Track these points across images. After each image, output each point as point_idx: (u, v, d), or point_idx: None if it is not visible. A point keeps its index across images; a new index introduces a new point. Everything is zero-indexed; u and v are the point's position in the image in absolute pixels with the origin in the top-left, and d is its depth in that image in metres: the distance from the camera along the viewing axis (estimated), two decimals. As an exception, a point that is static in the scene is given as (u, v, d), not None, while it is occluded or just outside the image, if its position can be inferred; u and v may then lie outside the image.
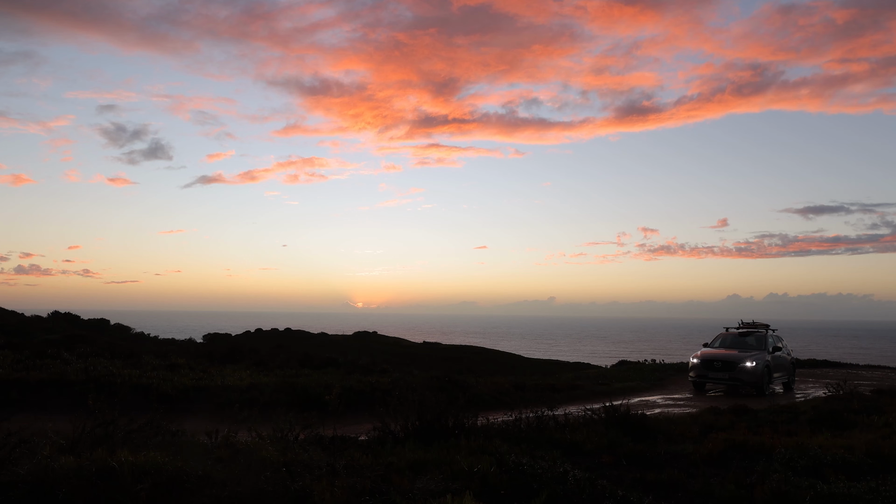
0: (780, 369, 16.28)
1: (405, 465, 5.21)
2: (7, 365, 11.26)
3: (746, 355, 15.38)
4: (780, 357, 16.28)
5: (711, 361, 15.55)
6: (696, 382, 16.00)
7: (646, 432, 7.61)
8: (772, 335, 16.70)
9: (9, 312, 30.27)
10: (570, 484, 4.76)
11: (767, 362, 15.42)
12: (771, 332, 16.96)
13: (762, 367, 15.14)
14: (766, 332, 16.76)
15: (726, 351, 15.88)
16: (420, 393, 7.70)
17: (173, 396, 10.58)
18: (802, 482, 5.21)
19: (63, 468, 4.21)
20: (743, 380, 15.06)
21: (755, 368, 15.07)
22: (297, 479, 4.48)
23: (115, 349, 16.44)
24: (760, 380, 15.03)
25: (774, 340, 16.49)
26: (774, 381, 15.89)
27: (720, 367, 15.34)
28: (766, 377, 15.20)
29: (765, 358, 15.45)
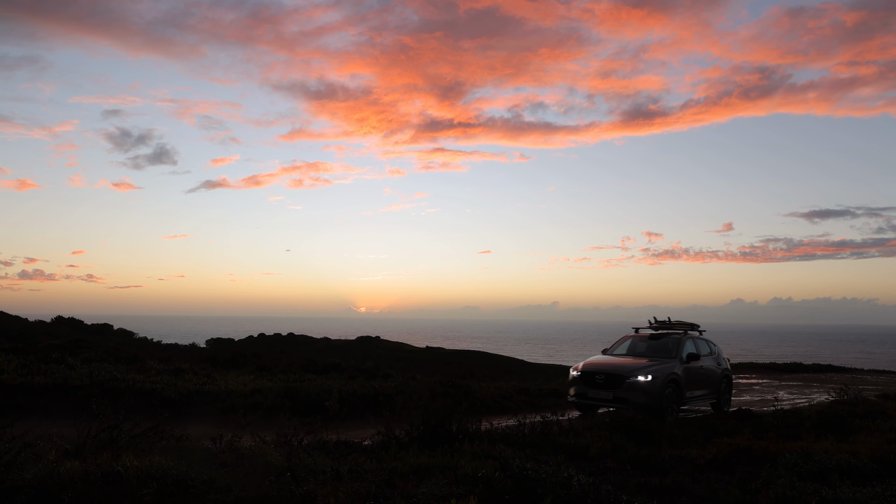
0: (701, 385, 11.91)
1: (409, 469, 5.21)
2: (12, 370, 11.29)
3: (640, 367, 10.90)
4: (700, 369, 11.88)
5: (593, 375, 10.96)
6: (577, 404, 11.47)
7: (650, 437, 7.60)
8: (694, 339, 12.51)
9: (13, 317, 30.33)
10: (575, 489, 4.76)
11: (673, 376, 10.97)
12: (695, 335, 12.81)
13: (662, 383, 10.66)
14: (685, 334, 12.46)
15: (616, 360, 11.59)
16: (423, 398, 7.70)
17: (177, 401, 10.60)
18: (807, 487, 5.19)
19: (68, 472, 4.22)
20: (631, 400, 10.52)
21: (650, 385, 10.59)
22: (301, 484, 4.48)
23: (119, 354, 16.48)
24: (657, 399, 10.52)
25: (696, 346, 12.25)
26: (689, 400, 11.63)
27: (602, 384, 10.82)
28: (668, 396, 10.78)
29: (670, 370, 11.00)
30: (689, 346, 12.07)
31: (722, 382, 12.62)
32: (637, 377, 10.69)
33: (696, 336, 12.76)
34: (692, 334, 12.75)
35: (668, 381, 10.83)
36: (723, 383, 12.64)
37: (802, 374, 26.27)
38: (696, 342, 12.47)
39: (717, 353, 13.00)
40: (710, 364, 12.39)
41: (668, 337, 12.30)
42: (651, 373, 10.80)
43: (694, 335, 12.73)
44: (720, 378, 12.56)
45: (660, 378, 10.76)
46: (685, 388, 11.25)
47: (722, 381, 12.63)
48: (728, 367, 13.10)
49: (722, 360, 12.98)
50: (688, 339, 12.24)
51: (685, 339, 12.20)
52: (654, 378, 10.73)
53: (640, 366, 11.02)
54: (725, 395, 12.82)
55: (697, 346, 12.36)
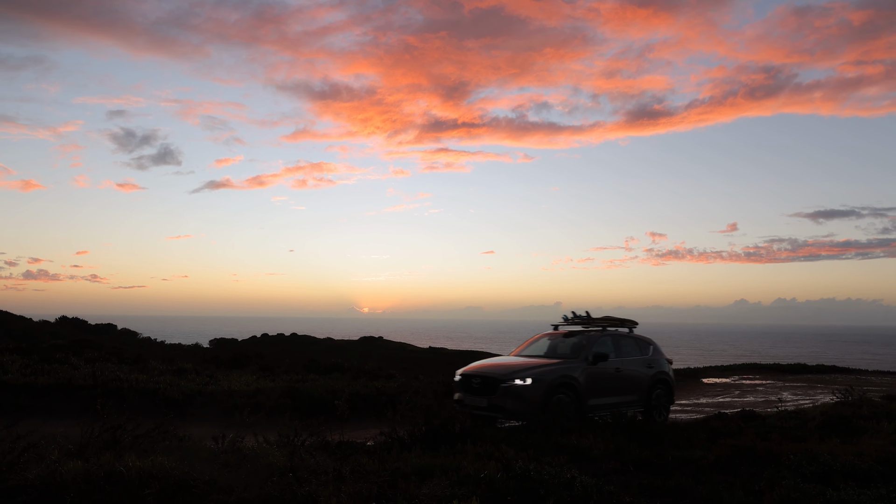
0: (616, 390, 10.11)
1: (412, 470, 5.21)
2: (16, 370, 11.33)
3: (520, 369, 9.24)
4: (616, 372, 10.12)
5: (470, 379, 9.52)
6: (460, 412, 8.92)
7: (653, 438, 7.58)
8: (615, 337, 10.70)
9: (17, 317, 30.43)
10: (578, 490, 4.75)
11: (567, 380, 9.30)
12: (618, 332, 10.95)
13: (547, 388, 9.00)
14: (603, 331, 10.72)
15: (503, 362, 10.09)
16: (426, 399, 7.69)
17: (180, 401, 10.62)
18: (811, 489, 5.17)
19: (71, 473, 4.23)
20: (506, 408, 8.98)
21: (528, 390, 8.92)
22: (303, 485, 4.48)
23: (123, 354, 16.51)
24: (537, 407, 8.81)
25: (614, 346, 10.52)
26: (596, 408, 9.68)
27: (478, 388, 9.32)
28: (559, 403, 9.10)
29: (562, 373, 9.34)
30: (601, 345, 10.23)
31: (654, 388, 10.70)
32: (514, 381, 9.00)
33: (619, 334, 10.88)
34: (620, 332, 10.98)
35: (556, 385, 9.13)
36: (656, 389, 10.72)
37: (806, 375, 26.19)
38: (617, 341, 10.65)
39: (651, 355, 11.03)
40: (634, 367, 10.54)
41: (582, 335, 10.55)
42: (532, 376, 9.07)
43: (617, 333, 10.88)
44: (650, 383, 10.62)
45: (543, 382, 9.05)
46: (587, 394, 9.48)
47: (653, 386, 10.69)
48: (666, 371, 11.06)
49: (657, 363, 10.99)
50: (602, 338, 10.42)
51: (597, 337, 10.40)
52: (536, 382, 9.01)
53: (521, 367, 9.31)
54: (659, 403, 10.74)
55: (618, 345, 10.58)
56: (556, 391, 9.14)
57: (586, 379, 9.60)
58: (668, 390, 11.08)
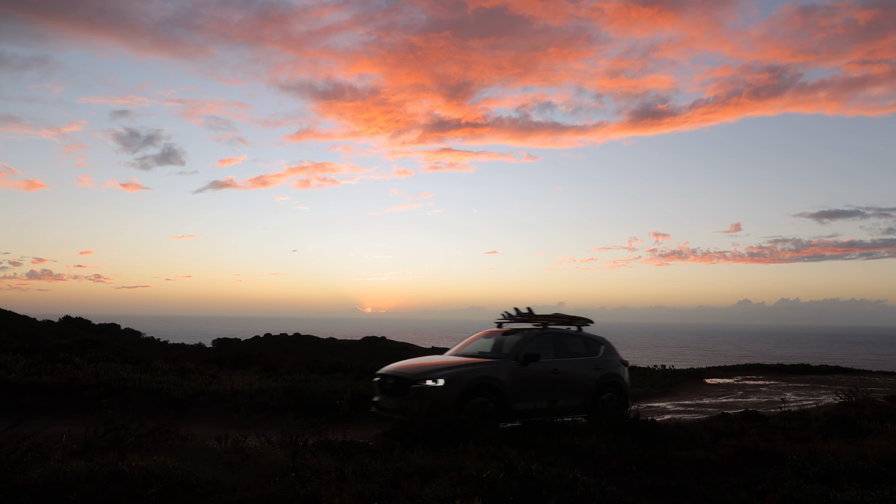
0: (552, 393, 9.15)
1: (414, 470, 5.21)
2: (19, 369, 11.36)
3: (435, 369, 8.54)
4: (553, 373, 9.26)
5: (385, 379, 8.87)
6: (376, 414, 8.89)
7: (655, 438, 7.57)
8: (556, 335, 9.81)
9: (21, 317, 30.52)
10: (580, 490, 4.75)
11: (488, 381, 8.52)
12: (563, 331, 10.02)
13: (462, 390, 8.25)
14: (544, 329, 9.82)
15: (422, 362, 9.34)
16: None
17: (183, 401, 10.65)
18: (815, 490, 5.17)
19: (74, 472, 4.24)
20: (415, 412, 7.70)
21: (439, 392, 8.13)
22: (306, 485, 4.49)
23: (126, 354, 16.56)
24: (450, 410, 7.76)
25: (554, 344, 9.65)
26: (525, 412, 8.84)
27: (391, 390, 8.64)
28: (479, 405, 8.33)
29: (483, 373, 8.59)
30: (535, 344, 9.36)
31: (602, 392, 9.70)
32: (424, 382, 8.26)
33: (562, 332, 9.94)
34: (564, 330, 10.04)
35: (473, 387, 8.38)
36: (604, 393, 9.71)
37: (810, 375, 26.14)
38: (559, 340, 9.76)
39: (600, 356, 10.08)
40: (576, 368, 9.62)
41: (517, 333, 9.75)
42: (445, 376, 8.33)
43: (560, 331, 9.93)
44: (596, 386, 9.64)
45: (458, 383, 8.30)
46: (514, 397, 8.63)
47: (601, 389, 9.68)
48: (617, 373, 10.07)
49: (607, 364, 10.00)
50: (539, 336, 9.56)
51: (532, 335, 9.52)
52: (449, 383, 8.26)
53: (436, 367, 8.59)
54: (608, 408, 9.61)
55: (559, 344, 9.70)
56: (473, 393, 8.38)
57: (513, 380, 8.77)
58: (620, 394, 10.04)
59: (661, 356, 66.64)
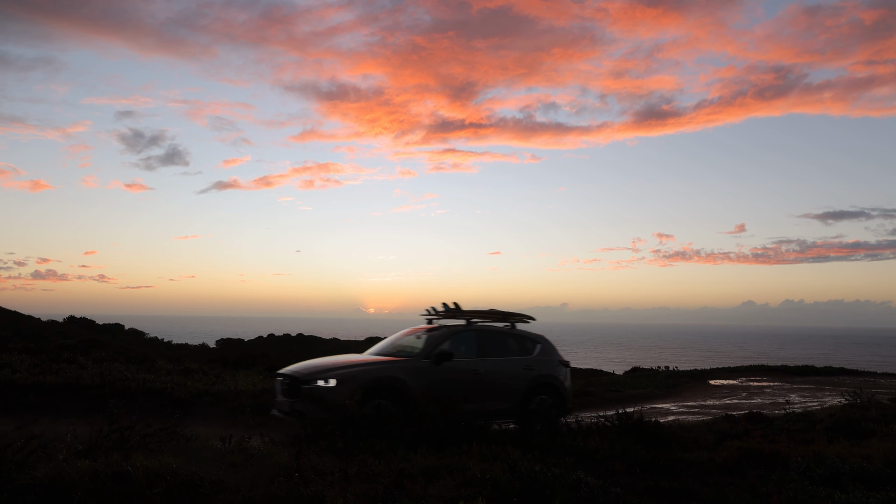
0: (471, 397, 8.27)
1: (417, 471, 5.21)
2: (24, 369, 11.40)
3: (329, 368, 7.87)
4: (472, 374, 8.47)
5: (283, 379, 8.18)
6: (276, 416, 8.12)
7: (659, 440, 7.56)
8: (482, 333, 9.00)
9: (25, 317, 30.63)
10: (584, 491, 4.74)
11: (390, 382, 7.82)
12: (491, 328, 9.20)
13: (355, 392, 7.31)
14: (468, 325, 9.06)
15: (324, 361, 8.58)
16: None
17: (187, 401, 10.67)
18: (819, 492, 5.15)
19: (79, 472, 4.26)
20: (306, 414, 7.45)
21: (331, 394, 7.50)
22: (309, 485, 4.50)
23: (130, 354, 16.61)
24: (341, 413, 7.06)
25: (477, 343, 8.86)
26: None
27: (287, 390, 7.96)
28: (379, 408, 7.56)
29: (383, 374, 7.91)
30: (451, 342, 8.59)
31: (534, 395, 8.80)
32: (315, 382, 7.62)
33: (489, 330, 9.12)
34: (491, 327, 9.23)
35: (371, 388, 7.63)
36: (537, 396, 8.82)
37: (814, 377, 26.08)
38: (484, 338, 8.94)
39: (535, 355, 9.19)
40: (504, 368, 8.76)
41: (437, 330, 8.93)
42: (338, 376, 7.65)
43: (487, 328, 9.12)
44: (527, 388, 8.77)
45: (352, 384, 7.55)
46: (424, 400, 7.67)
47: (533, 392, 8.80)
48: (554, 375, 9.17)
49: (541, 365, 9.11)
50: (459, 334, 8.79)
51: (450, 332, 8.76)
52: (342, 384, 7.56)
53: (332, 367, 7.91)
54: (542, 412, 8.76)
55: (484, 343, 8.88)
56: (371, 396, 7.59)
57: (422, 382, 7.98)
58: (558, 398, 9.07)
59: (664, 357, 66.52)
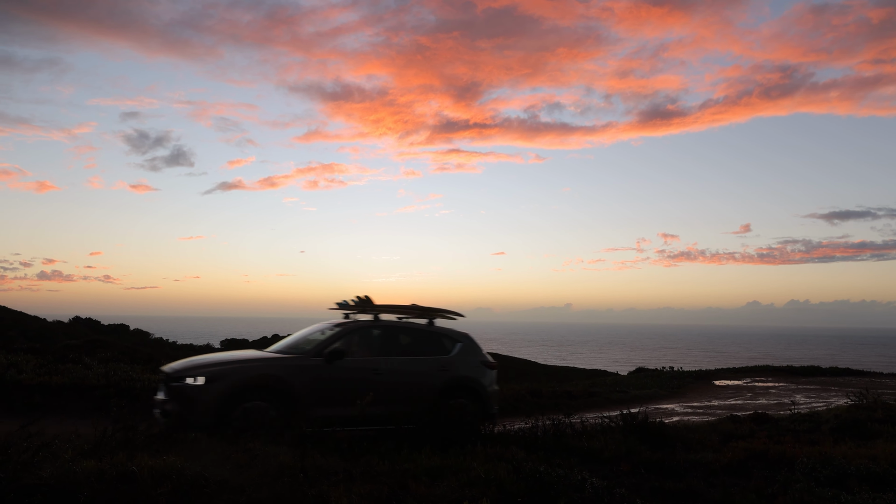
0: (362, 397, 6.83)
1: (422, 471, 5.21)
2: (30, 369, 11.44)
3: (200, 365, 7.25)
4: (376, 375, 7.66)
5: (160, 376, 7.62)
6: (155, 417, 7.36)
7: (664, 440, 7.54)
8: (392, 329, 8.32)
9: (31, 317, 30.76)
10: (588, 492, 4.73)
11: (272, 382, 7.14)
12: (402, 324, 8.48)
13: (228, 393, 6.85)
14: (375, 319, 8.26)
15: (201, 358, 7.85)
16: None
17: (192, 401, 10.67)
18: (825, 493, 5.13)
19: (84, 472, 4.27)
20: (174, 413, 6.87)
21: (200, 394, 6.84)
22: (314, 485, 4.50)
23: (135, 354, 16.66)
24: (210, 415, 6.71)
25: (391, 340, 8.21)
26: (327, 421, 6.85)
27: (164, 388, 7.25)
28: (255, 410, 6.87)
29: (261, 371, 7.25)
30: (353, 339, 7.96)
31: (448, 398, 7.79)
32: (184, 380, 6.94)
33: (398, 326, 8.41)
34: (402, 323, 8.52)
35: (246, 388, 7.00)
36: (451, 399, 7.83)
37: (820, 377, 25.98)
38: (391, 334, 8.25)
39: (453, 355, 8.34)
40: (409, 368, 7.97)
41: (342, 324, 8.17)
42: (208, 374, 6.95)
43: (396, 324, 8.41)
44: (440, 390, 7.86)
45: (223, 383, 6.91)
46: (310, 402, 7.12)
47: (447, 394, 7.86)
48: (473, 377, 8.27)
49: (459, 366, 8.24)
50: (360, 330, 8.09)
51: (349, 328, 8.02)
52: (211, 382, 6.88)
53: (207, 363, 7.27)
54: (459, 415, 7.56)
55: (390, 340, 8.19)
56: (246, 396, 6.94)
57: (310, 382, 7.29)
58: (479, 402, 8.18)
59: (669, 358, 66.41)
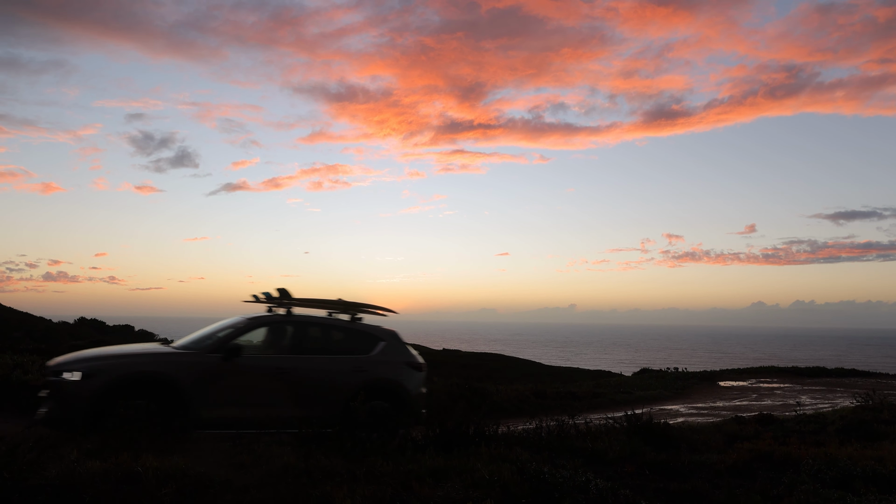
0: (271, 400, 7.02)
1: (426, 472, 5.20)
2: (36, 370, 11.49)
3: (80, 360, 6.73)
4: (280, 374, 7.18)
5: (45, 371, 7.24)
6: None
7: (669, 441, 7.52)
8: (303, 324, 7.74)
9: (37, 318, 30.89)
10: (593, 493, 4.72)
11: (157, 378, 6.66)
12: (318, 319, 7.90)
13: (103, 389, 6.39)
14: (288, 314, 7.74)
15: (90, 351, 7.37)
16: (440, 400, 7.68)
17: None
18: (831, 494, 5.10)
19: (89, 472, 4.29)
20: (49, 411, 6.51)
21: (75, 390, 6.40)
22: (317, 486, 4.50)
23: (140, 355, 16.64)
24: (80, 412, 6.28)
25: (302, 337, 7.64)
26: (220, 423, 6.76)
27: (46, 384, 6.83)
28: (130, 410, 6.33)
29: (151, 368, 6.77)
30: (259, 334, 7.59)
31: (364, 399, 6.98)
32: (62, 375, 6.51)
33: (313, 321, 7.84)
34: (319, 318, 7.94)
35: (126, 384, 6.52)
36: (369, 401, 7.14)
37: (825, 378, 25.89)
38: (302, 331, 7.69)
39: (374, 354, 7.75)
40: (319, 367, 7.43)
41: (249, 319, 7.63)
42: (87, 369, 6.51)
43: (311, 319, 7.84)
44: (354, 391, 7.15)
45: (100, 378, 6.45)
46: (201, 400, 6.69)
47: (363, 396, 6.99)
48: (394, 378, 7.68)
49: (379, 366, 7.68)
50: (271, 325, 7.63)
51: (251, 323, 7.53)
52: (88, 377, 6.42)
53: (90, 357, 6.82)
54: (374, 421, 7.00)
55: (301, 336, 7.65)
56: (125, 393, 6.47)
57: (203, 379, 6.79)
58: (400, 405, 7.56)
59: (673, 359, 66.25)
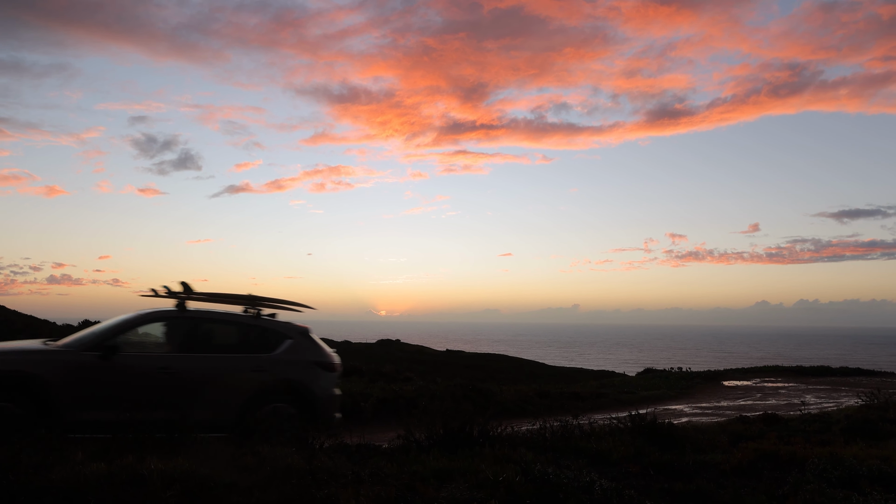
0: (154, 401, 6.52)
1: (430, 473, 5.20)
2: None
3: None
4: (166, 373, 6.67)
5: None
6: None
7: (673, 442, 7.50)
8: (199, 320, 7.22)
9: (41, 321, 30.99)
10: (597, 493, 4.71)
11: (21, 377, 6.22)
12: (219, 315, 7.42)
13: None
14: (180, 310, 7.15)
15: None
16: (444, 401, 7.68)
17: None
18: (837, 494, 5.08)
19: (94, 474, 4.29)
20: None
21: None
22: (322, 487, 4.50)
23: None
24: None
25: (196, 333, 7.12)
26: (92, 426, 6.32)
27: None
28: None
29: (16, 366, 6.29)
30: (140, 332, 7.05)
31: (262, 403, 6.83)
32: None
33: (211, 316, 7.34)
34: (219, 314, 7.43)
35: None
36: (267, 404, 6.88)
37: (830, 377, 25.82)
38: (196, 328, 7.15)
39: (279, 352, 7.23)
40: (211, 366, 6.93)
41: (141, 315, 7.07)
42: None
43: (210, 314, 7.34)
44: (253, 393, 6.87)
45: None
46: (72, 402, 6.26)
47: (259, 400, 6.82)
48: (298, 379, 7.18)
49: (282, 366, 7.15)
50: (163, 320, 7.12)
51: (137, 319, 6.99)
52: None
53: None
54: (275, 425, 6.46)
55: (195, 333, 7.11)
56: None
57: (75, 380, 6.34)
58: (305, 407, 7.07)
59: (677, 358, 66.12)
